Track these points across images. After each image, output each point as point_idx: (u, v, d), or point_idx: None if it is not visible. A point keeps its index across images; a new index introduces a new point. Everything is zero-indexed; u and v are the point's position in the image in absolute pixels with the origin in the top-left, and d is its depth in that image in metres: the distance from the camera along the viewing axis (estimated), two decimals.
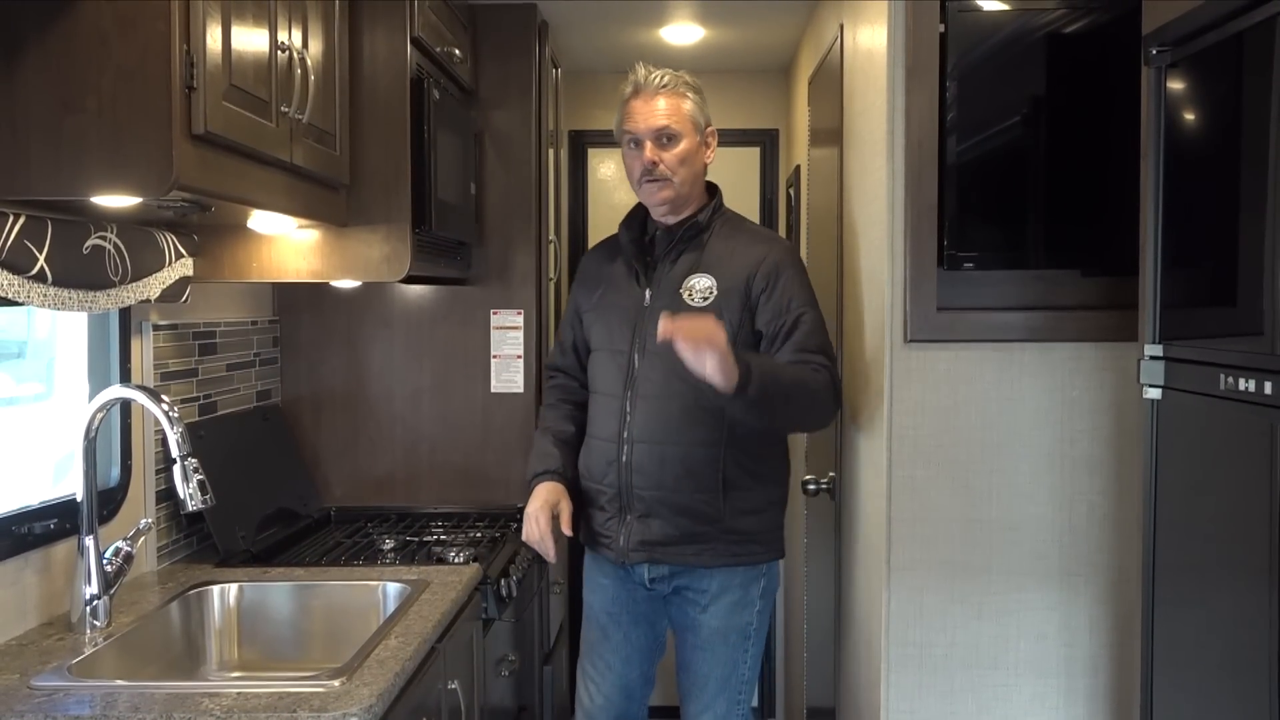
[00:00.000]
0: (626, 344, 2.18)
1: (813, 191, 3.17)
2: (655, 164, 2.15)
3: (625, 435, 2.15)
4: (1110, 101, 1.96)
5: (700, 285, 2.14)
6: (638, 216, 2.27)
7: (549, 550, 2.16)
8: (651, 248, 2.23)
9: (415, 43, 2.29)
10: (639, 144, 2.17)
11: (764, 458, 2.18)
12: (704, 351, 1.83)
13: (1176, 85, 1.50)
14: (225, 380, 2.50)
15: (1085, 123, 2.03)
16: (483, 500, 2.86)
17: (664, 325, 1.84)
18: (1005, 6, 2.04)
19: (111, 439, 2.03)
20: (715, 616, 2.19)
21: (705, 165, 2.25)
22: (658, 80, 2.16)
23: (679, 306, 2.10)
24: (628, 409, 2.15)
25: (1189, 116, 1.50)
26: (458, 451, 2.90)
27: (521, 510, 2.21)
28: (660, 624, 2.28)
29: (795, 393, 2.02)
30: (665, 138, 2.15)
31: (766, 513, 2.18)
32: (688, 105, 2.19)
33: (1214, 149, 1.44)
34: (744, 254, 2.16)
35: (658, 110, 2.15)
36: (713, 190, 2.28)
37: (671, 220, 2.21)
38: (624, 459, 2.14)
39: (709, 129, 2.24)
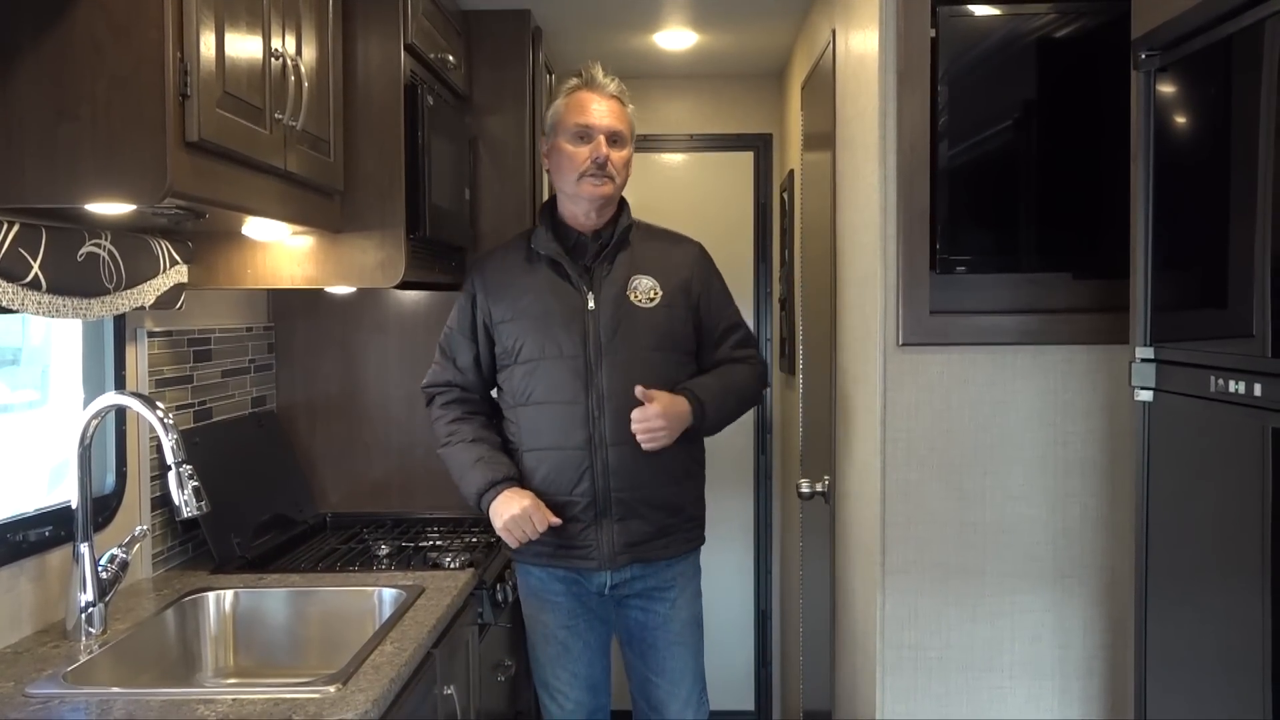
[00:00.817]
0: (578, 349, 2.16)
1: (806, 196, 3.18)
2: (607, 159, 2.16)
3: (596, 440, 2.15)
4: (1100, 105, 1.97)
5: (644, 286, 2.22)
6: (551, 224, 2.24)
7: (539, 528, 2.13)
8: (578, 253, 2.22)
9: (409, 49, 2.30)
10: (588, 138, 2.17)
11: (701, 444, 2.33)
12: (659, 436, 2.12)
13: (1166, 89, 1.51)
14: (220, 387, 2.50)
15: (1076, 126, 2.04)
16: None
17: (635, 426, 2.12)
18: (996, 11, 2.05)
19: (106, 446, 2.03)
20: (683, 608, 2.28)
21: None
22: (612, 83, 2.23)
23: (626, 308, 2.19)
24: (595, 414, 2.15)
25: (1178, 120, 1.51)
26: None
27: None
28: (610, 617, 2.31)
29: (735, 398, 2.30)
30: (615, 139, 2.19)
31: (703, 495, 2.36)
32: (629, 115, 2.25)
33: (1203, 152, 1.45)
34: (673, 254, 2.29)
35: (613, 111, 2.19)
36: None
37: (594, 222, 2.22)
38: (600, 464, 2.15)
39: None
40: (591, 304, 2.18)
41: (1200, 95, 1.47)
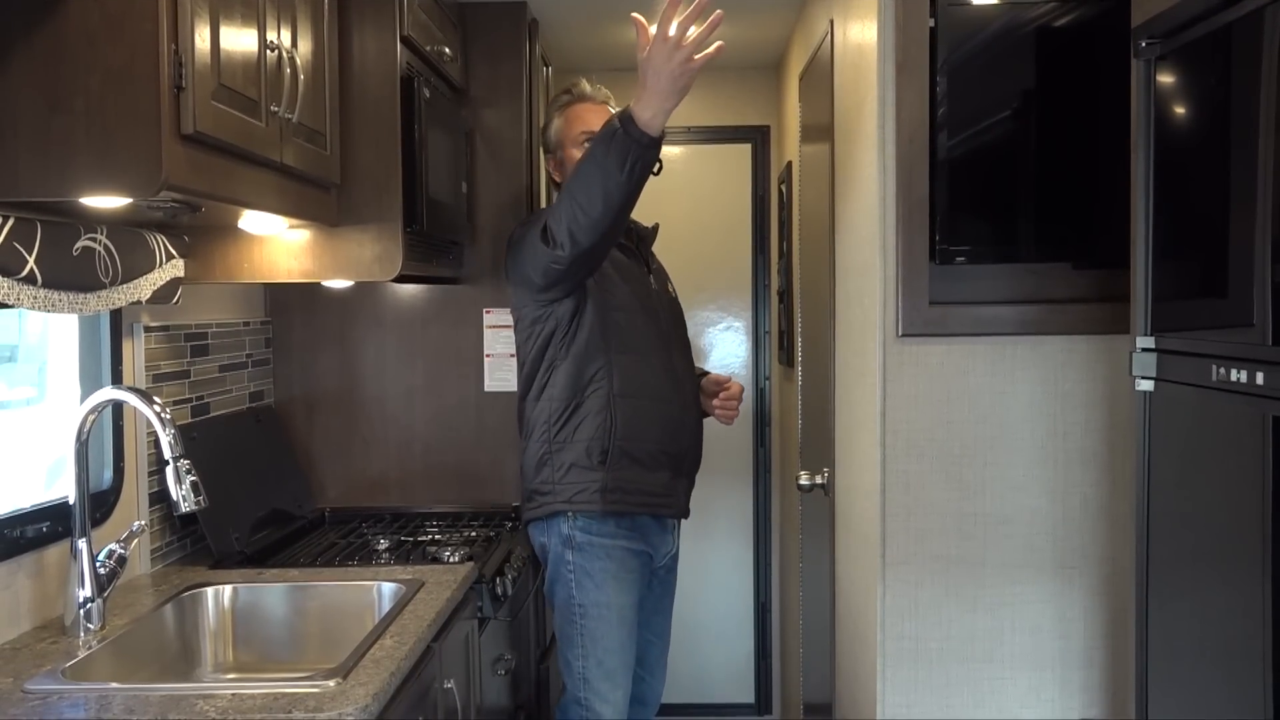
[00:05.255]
0: (655, 315, 2.29)
1: (804, 188, 3.17)
2: None
3: (681, 399, 2.28)
4: (1099, 94, 1.96)
5: (670, 284, 2.45)
6: None
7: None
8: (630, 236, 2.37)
9: (405, 42, 2.29)
10: None
11: None
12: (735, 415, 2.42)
13: (1166, 77, 1.50)
14: (218, 381, 2.49)
15: (1075, 116, 2.04)
16: (477, 499, 2.86)
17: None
18: (994, 1, 2.04)
19: (104, 441, 2.03)
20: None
21: None
22: (601, 93, 2.33)
23: (670, 297, 2.42)
24: (675, 372, 2.28)
25: (1178, 108, 1.50)
26: (452, 451, 2.89)
27: (516, 509, 2.23)
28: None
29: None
30: None
31: None
32: None
33: (1203, 140, 1.44)
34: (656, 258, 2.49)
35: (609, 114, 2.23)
36: None
37: None
38: (687, 421, 2.29)
39: None
40: (654, 284, 2.34)
41: (1200, 83, 1.46)
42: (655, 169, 2.00)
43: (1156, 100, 1.51)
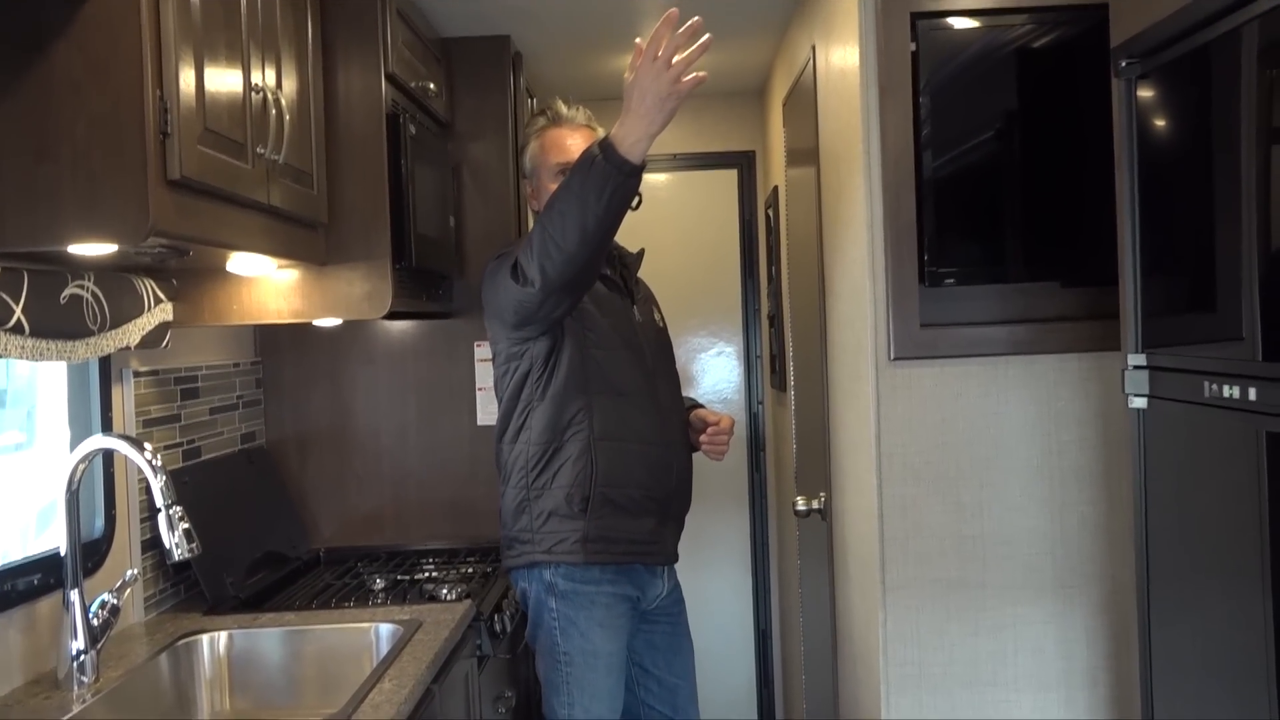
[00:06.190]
0: (639, 351, 2.18)
1: (792, 211, 3.18)
2: None
3: (666, 439, 2.17)
4: (1082, 112, 1.97)
5: (656, 308, 2.34)
6: None
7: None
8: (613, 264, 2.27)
9: (390, 79, 2.30)
10: None
11: None
12: (725, 451, 2.27)
13: (1147, 96, 1.51)
14: (209, 424, 2.47)
15: (1058, 134, 2.05)
16: (472, 534, 2.84)
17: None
18: (974, 23, 2.06)
19: (95, 489, 2.01)
20: (684, 603, 2.34)
21: None
22: (579, 114, 2.23)
23: (656, 326, 2.31)
24: (660, 411, 2.18)
25: (1160, 126, 1.51)
26: (446, 486, 2.87)
27: None
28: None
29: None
30: None
31: None
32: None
33: (1187, 157, 1.45)
34: (644, 284, 2.38)
35: (587, 140, 2.17)
36: None
37: None
38: (673, 463, 2.18)
39: None
40: (638, 317, 2.24)
41: (1181, 101, 1.47)
42: (635, 203, 1.92)
43: (1139, 118, 1.52)
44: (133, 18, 1.42)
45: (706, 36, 1.77)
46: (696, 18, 1.75)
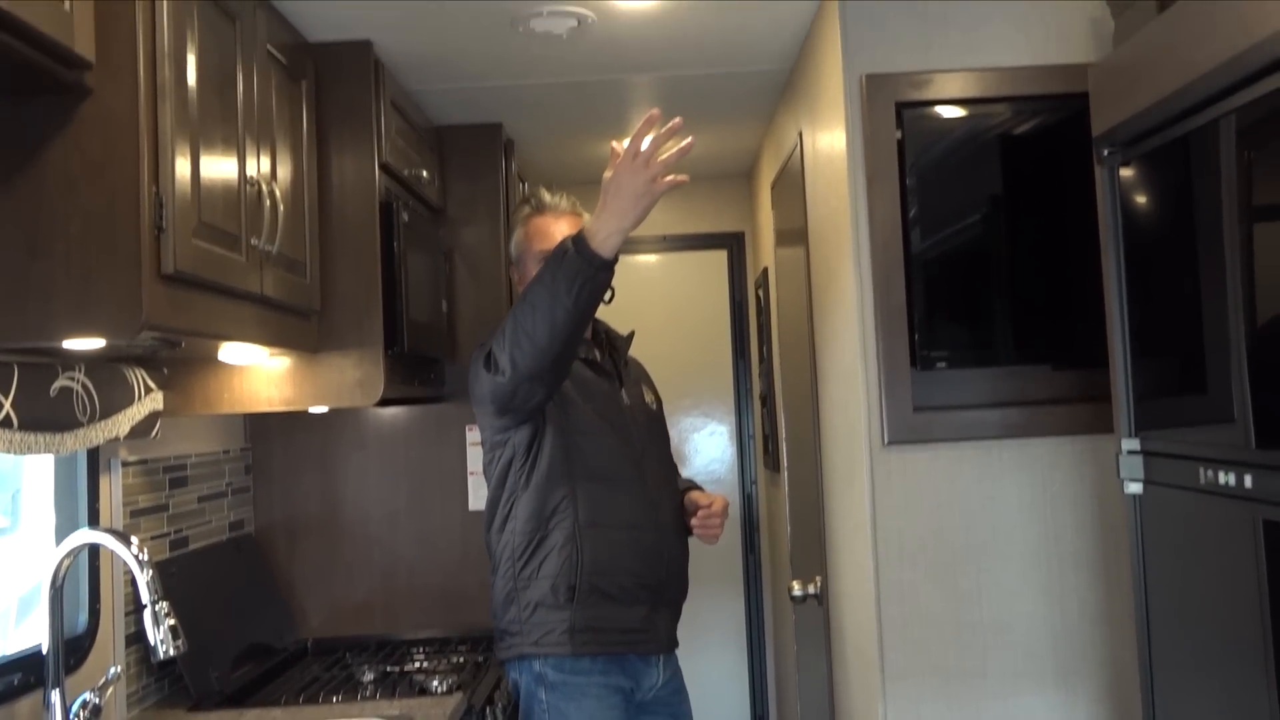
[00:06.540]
0: (627, 435, 2.14)
1: (782, 292, 3.21)
2: None
3: (657, 523, 2.11)
4: (1065, 196, 2.01)
5: (648, 390, 2.30)
6: None
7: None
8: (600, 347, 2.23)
9: (383, 168, 2.33)
10: None
11: None
12: (720, 533, 2.19)
13: (1130, 183, 1.54)
14: (197, 513, 2.44)
15: (1043, 217, 2.08)
16: (464, 622, 2.79)
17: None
18: (959, 111, 2.10)
19: (79, 583, 1.97)
20: (686, 690, 2.28)
21: None
22: (563, 201, 2.23)
23: (647, 409, 2.26)
24: (649, 496, 2.12)
25: (1144, 210, 1.54)
26: (437, 573, 2.83)
27: None
28: None
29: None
30: None
31: None
32: (587, 222, 2.22)
33: (1171, 240, 1.47)
34: (638, 365, 2.35)
35: (572, 226, 2.14)
36: None
37: (588, 331, 2.20)
38: (665, 548, 2.12)
39: None
40: (626, 400, 2.20)
41: (1163, 188, 1.50)
42: (608, 297, 1.92)
43: (1123, 203, 1.55)
44: (131, 116, 1.44)
45: (688, 140, 1.79)
46: (678, 118, 1.78)
